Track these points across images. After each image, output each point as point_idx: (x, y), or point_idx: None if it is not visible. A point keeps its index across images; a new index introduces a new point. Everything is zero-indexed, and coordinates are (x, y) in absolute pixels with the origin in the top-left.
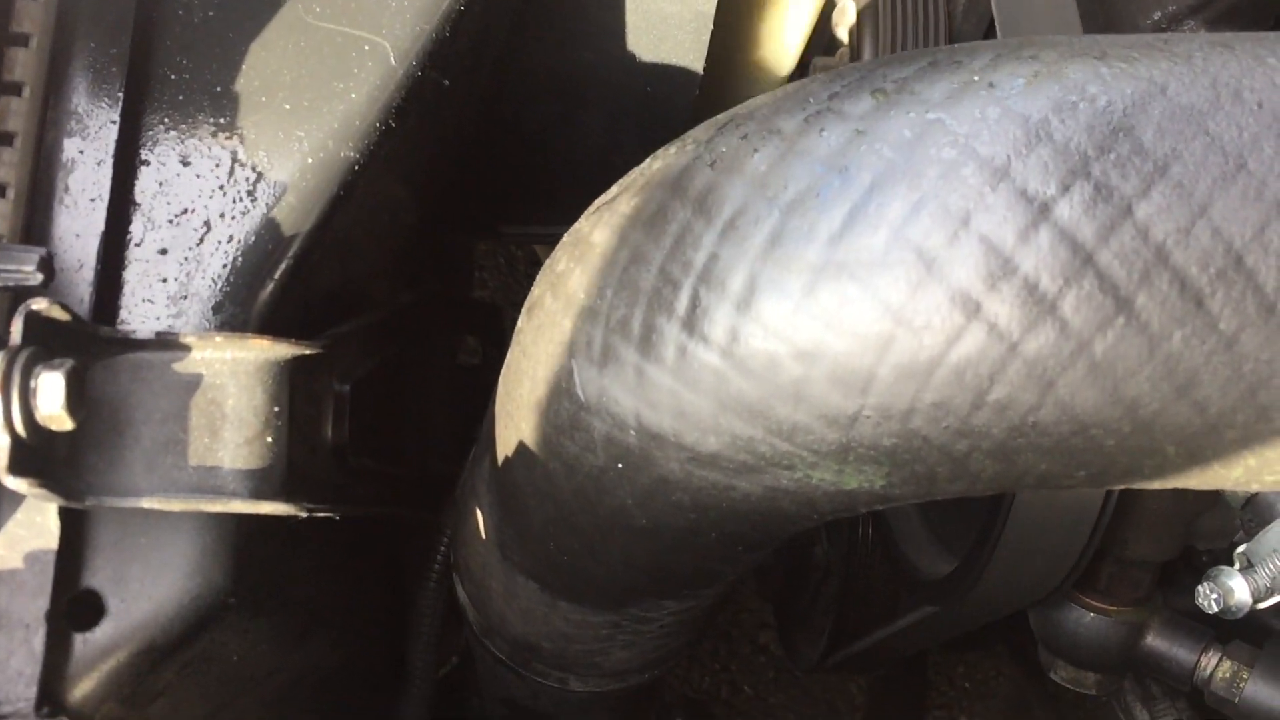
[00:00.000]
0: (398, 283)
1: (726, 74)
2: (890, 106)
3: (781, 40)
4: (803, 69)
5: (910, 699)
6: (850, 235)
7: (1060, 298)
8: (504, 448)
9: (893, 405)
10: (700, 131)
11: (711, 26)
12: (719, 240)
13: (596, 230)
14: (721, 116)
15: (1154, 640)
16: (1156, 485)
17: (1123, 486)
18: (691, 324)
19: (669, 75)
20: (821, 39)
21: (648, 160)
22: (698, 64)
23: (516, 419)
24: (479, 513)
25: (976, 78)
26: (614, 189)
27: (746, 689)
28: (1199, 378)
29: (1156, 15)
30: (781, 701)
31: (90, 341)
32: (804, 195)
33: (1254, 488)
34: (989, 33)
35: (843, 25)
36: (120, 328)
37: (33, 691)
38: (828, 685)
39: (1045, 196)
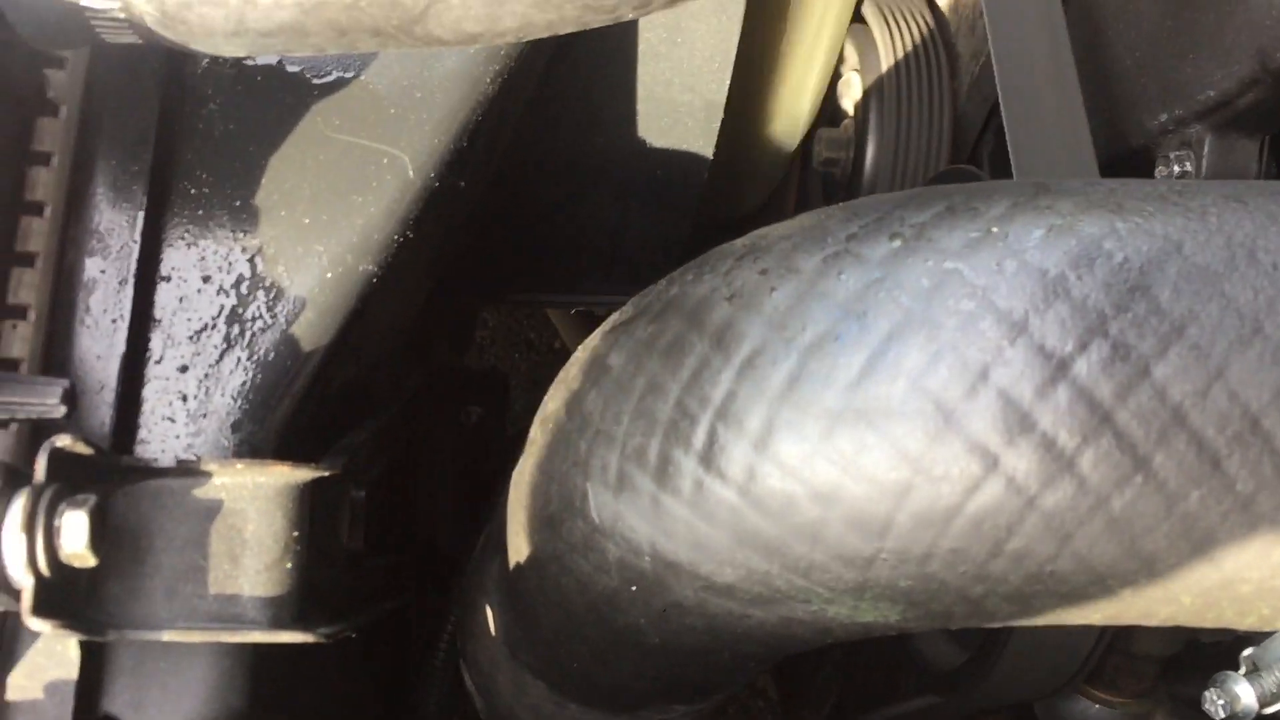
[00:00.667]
0: (407, 362)
1: (739, 145)
2: (908, 254)
3: (791, 114)
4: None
5: None
6: (868, 382)
7: (1078, 454)
8: (515, 554)
9: (910, 550)
10: (717, 260)
11: (722, 115)
12: (737, 378)
13: (613, 353)
14: (738, 245)
15: None
16: (1170, 625)
17: (1137, 624)
18: (709, 460)
19: (679, 160)
20: (826, 110)
21: (664, 283)
22: (707, 149)
23: (529, 530)
24: (488, 609)
25: (995, 229)
26: (630, 309)
27: None
28: (1215, 536)
29: (1163, 118)
30: None
31: (113, 472)
32: (823, 339)
33: (1267, 629)
34: (992, 114)
35: (848, 98)
36: (140, 449)
37: None
38: None
39: (1063, 353)
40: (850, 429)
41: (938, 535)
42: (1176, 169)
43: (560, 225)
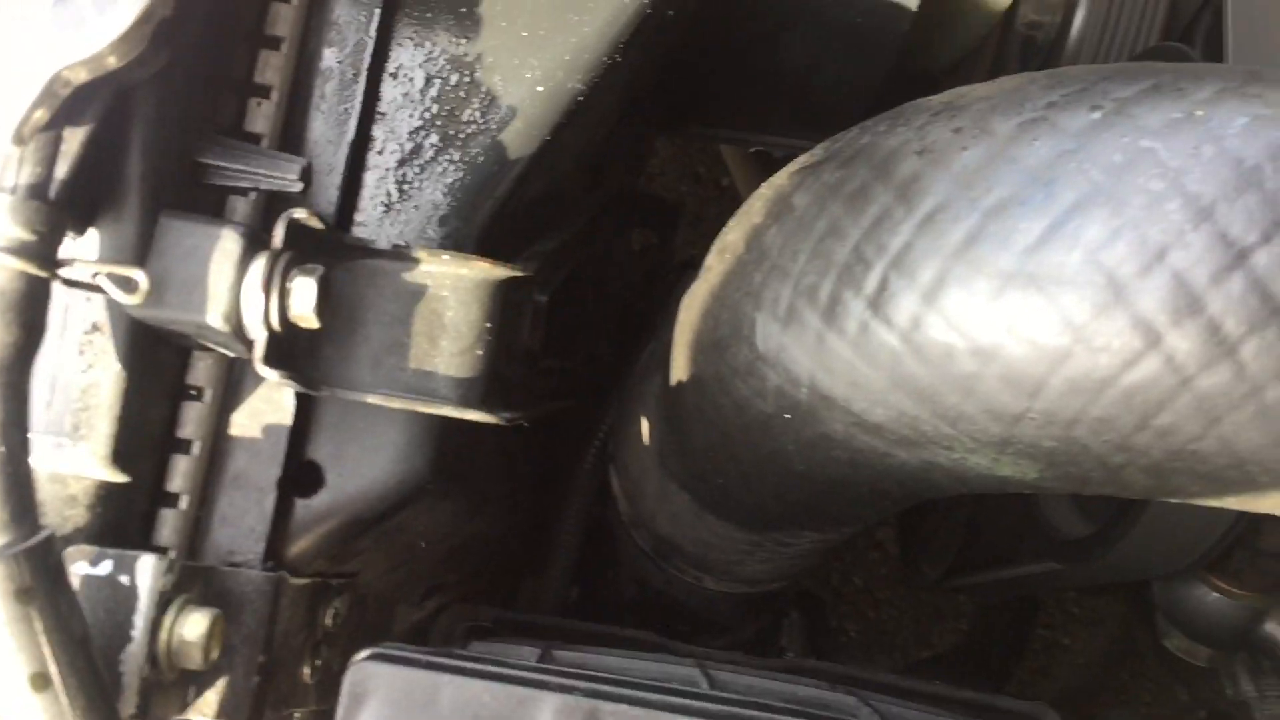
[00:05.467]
0: (588, 180)
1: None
2: (1105, 128)
3: None
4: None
5: (1017, 616)
6: (1045, 249)
7: (1242, 342)
8: (678, 372)
9: (1058, 413)
10: (912, 114)
11: None
12: (916, 230)
13: (798, 193)
14: (935, 101)
15: (1272, 628)
16: None
17: (1270, 513)
18: (877, 304)
19: (882, 9)
20: None
21: (856, 131)
22: (914, 1)
23: (694, 351)
24: (644, 420)
25: (1199, 112)
26: (819, 152)
27: (856, 580)
28: None
29: None
30: (889, 598)
31: (337, 248)
32: (1006, 202)
33: None
34: None
35: None
36: (357, 230)
37: (261, 547)
38: (937, 590)
39: (1245, 243)
40: (1020, 292)
41: (1088, 402)
42: None
43: (750, 64)
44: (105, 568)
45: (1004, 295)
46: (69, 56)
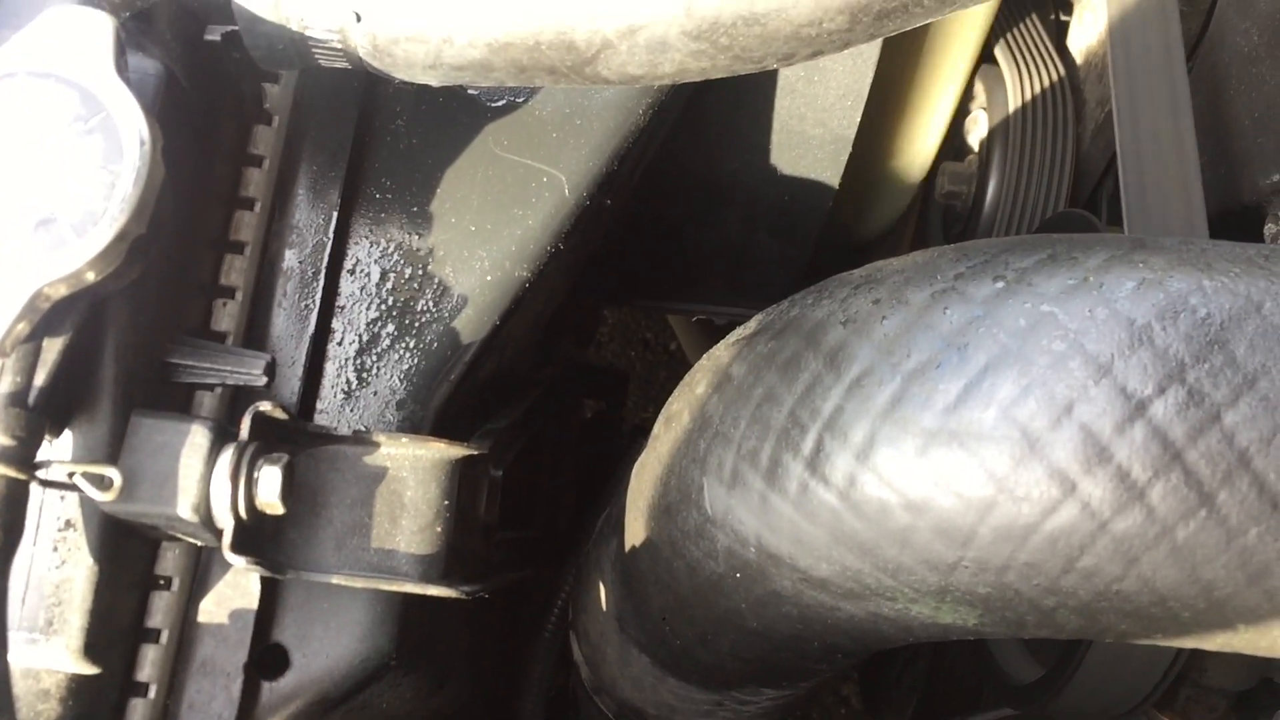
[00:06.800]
0: (538, 357)
1: (865, 176)
2: (1009, 295)
3: (917, 150)
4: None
5: None
6: (963, 408)
7: (1149, 487)
8: (632, 537)
9: (989, 560)
10: (835, 287)
11: (850, 150)
12: (845, 395)
13: (735, 364)
14: (856, 275)
15: None
16: (1227, 650)
17: (1196, 647)
18: (814, 465)
19: (806, 188)
20: (952, 144)
21: (786, 304)
22: (834, 180)
23: (647, 516)
24: (602, 586)
25: (1090, 278)
26: (753, 324)
27: None
28: (1270, 570)
29: (1276, 177)
30: None
31: (300, 435)
32: (925, 366)
33: None
34: (1114, 159)
35: (974, 134)
36: (319, 417)
37: None
38: None
39: (1143, 395)
40: (944, 448)
41: (1015, 549)
42: None
43: (689, 239)
44: None
45: (930, 451)
46: (50, 274)
